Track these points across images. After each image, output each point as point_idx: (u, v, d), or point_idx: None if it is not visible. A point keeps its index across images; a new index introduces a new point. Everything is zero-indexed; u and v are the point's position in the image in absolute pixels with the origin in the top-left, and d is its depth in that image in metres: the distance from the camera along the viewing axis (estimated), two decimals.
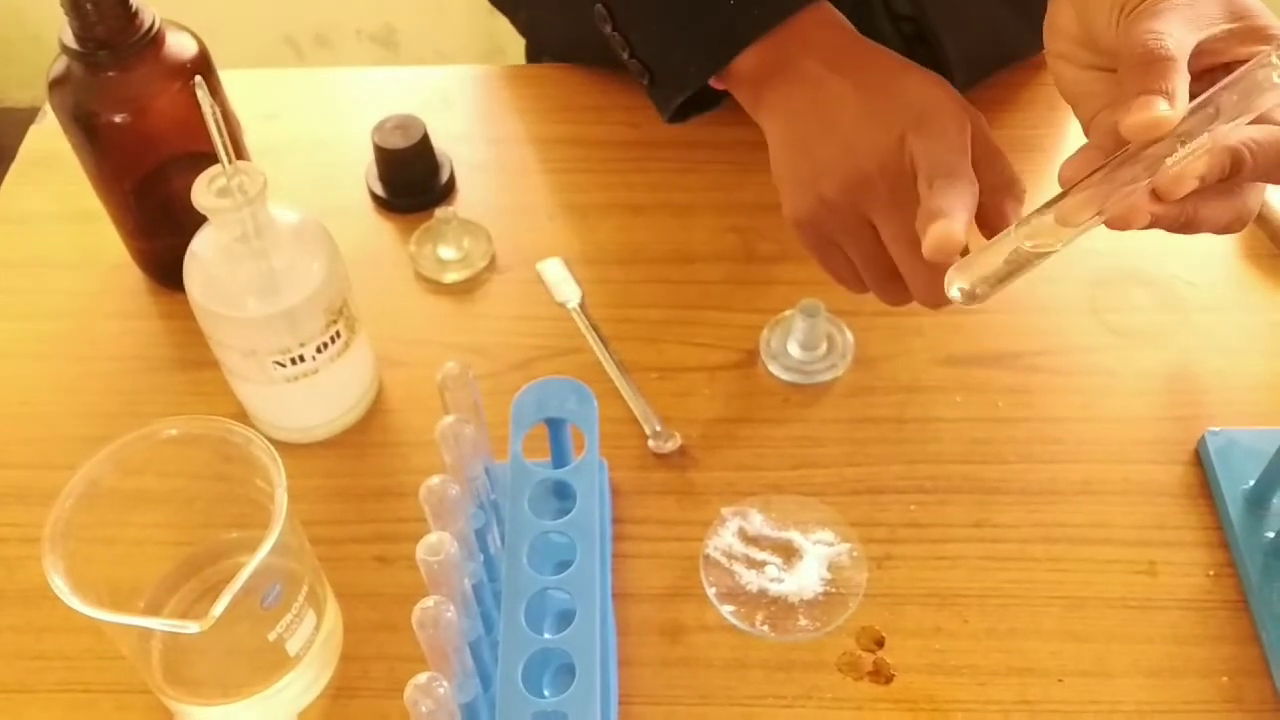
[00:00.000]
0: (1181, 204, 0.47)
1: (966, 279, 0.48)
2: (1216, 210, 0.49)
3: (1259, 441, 0.64)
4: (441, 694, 0.46)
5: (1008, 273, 0.47)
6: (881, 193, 0.56)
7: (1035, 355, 0.71)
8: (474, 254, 0.77)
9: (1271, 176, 0.48)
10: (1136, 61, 0.46)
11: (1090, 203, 0.46)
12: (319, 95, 0.90)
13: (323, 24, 1.96)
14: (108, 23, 0.64)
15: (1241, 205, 0.49)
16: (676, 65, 0.63)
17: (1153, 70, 0.45)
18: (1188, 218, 0.48)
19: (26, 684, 0.60)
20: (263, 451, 0.54)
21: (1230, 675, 0.59)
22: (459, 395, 0.56)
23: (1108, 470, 0.66)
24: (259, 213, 0.60)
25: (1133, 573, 0.62)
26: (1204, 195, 0.47)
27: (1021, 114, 0.84)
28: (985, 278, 0.47)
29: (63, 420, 0.71)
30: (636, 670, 0.60)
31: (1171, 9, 0.48)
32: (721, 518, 0.65)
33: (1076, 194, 0.46)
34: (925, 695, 0.59)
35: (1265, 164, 0.47)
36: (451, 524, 0.52)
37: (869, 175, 0.56)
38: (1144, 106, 0.44)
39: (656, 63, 0.64)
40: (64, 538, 0.53)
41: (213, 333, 0.64)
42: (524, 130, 0.87)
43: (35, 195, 0.83)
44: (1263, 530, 0.62)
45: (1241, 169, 0.46)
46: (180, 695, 0.57)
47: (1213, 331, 0.72)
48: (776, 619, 0.61)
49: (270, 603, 0.55)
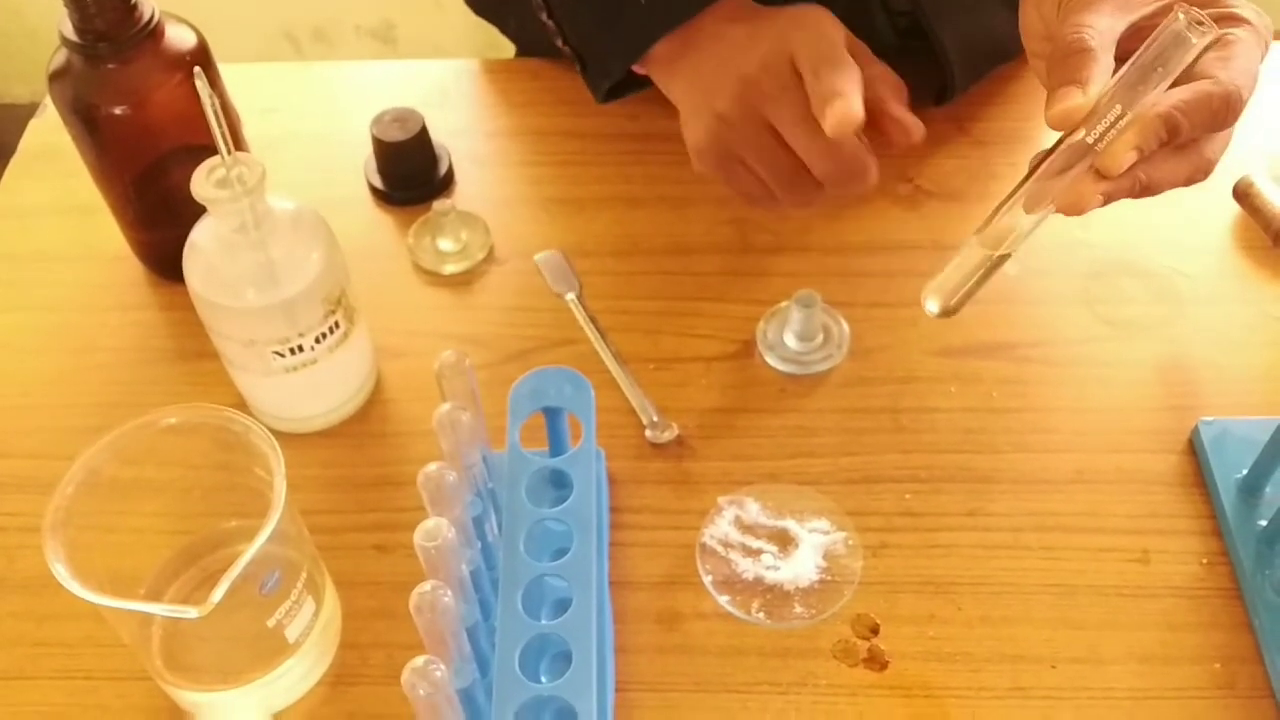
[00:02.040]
0: (1131, 174, 0.49)
1: (940, 298, 0.51)
2: (1171, 169, 0.50)
3: (1252, 431, 0.64)
4: (439, 677, 0.46)
5: (976, 281, 0.49)
6: (770, 90, 0.59)
7: (1029, 346, 0.72)
8: (472, 246, 0.78)
9: (1212, 129, 0.49)
10: (1058, 56, 0.48)
11: (1036, 197, 0.47)
12: (318, 89, 0.90)
13: (322, 19, 1.96)
14: (107, 15, 0.65)
15: (1198, 158, 0.51)
16: (601, 56, 0.65)
17: (1069, 62, 0.48)
18: (1143, 185, 0.49)
19: (27, 671, 0.61)
20: (261, 439, 0.55)
21: (1223, 662, 0.59)
22: (456, 384, 0.56)
23: (1101, 460, 0.66)
24: (258, 203, 0.60)
25: (1126, 561, 0.63)
26: (1153, 160, 0.49)
27: (1014, 106, 0.84)
28: (956, 291, 0.50)
29: (63, 411, 0.71)
30: (633, 657, 0.60)
31: None
32: (718, 506, 0.65)
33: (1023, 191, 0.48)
34: (919, 682, 0.59)
35: (1200, 121, 0.48)
36: (449, 510, 0.53)
37: (754, 78, 0.59)
38: (1062, 98, 0.47)
39: (585, 52, 0.67)
40: (64, 526, 0.53)
41: (212, 323, 0.64)
42: (522, 123, 0.87)
43: (36, 188, 0.83)
44: (1255, 519, 0.63)
45: (1179, 131, 0.48)
46: (180, 681, 0.58)
47: (1206, 322, 0.72)
48: (772, 607, 0.62)
49: (269, 589, 0.55)
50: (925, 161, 0.81)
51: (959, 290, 0.50)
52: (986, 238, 0.49)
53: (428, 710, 0.48)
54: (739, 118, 0.60)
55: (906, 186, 0.80)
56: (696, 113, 0.62)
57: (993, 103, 0.84)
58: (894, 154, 0.65)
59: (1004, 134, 0.83)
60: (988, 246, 0.49)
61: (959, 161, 0.81)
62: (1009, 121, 0.83)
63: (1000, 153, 0.82)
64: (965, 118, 0.84)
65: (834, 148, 0.58)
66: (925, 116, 0.86)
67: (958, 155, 0.82)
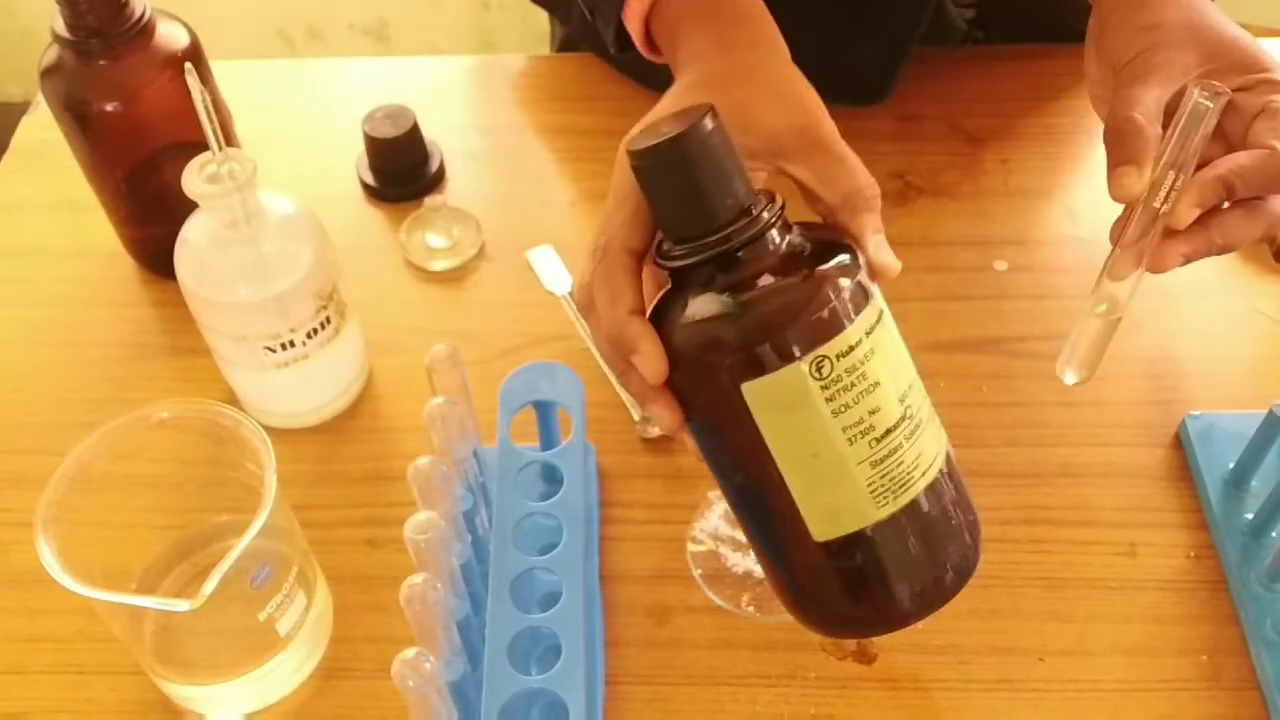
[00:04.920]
0: (1206, 234, 0.54)
1: (1075, 369, 0.56)
2: (1246, 228, 0.55)
3: (1239, 425, 0.65)
4: (428, 669, 0.47)
5: (1101, 344, 0.56)
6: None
7: (1018, 341, 0.72)
8: (463, 242, 0.78)
9: (1267, 191, 0.54)
10: (1114, 133, 0.54)
11: (1127, 259, 0.54)
12: (310, 86, 0.90)
13: (315, 17, 1.96)
14: (99, 11, 0.65)
15: (1269, 215, 0.55)
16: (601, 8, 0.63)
17: (1126, 143, 0.53)
18: (1220, 245, 0.54)
19: (20, 665, 0.61)
20: (253, 434, 0.55)
21: (1209, 654, 0.60)
22: (447, 378, 0.56)
23: (1089, 453, 0.67)
24: (249, 199, 0.60)
25: (1113, 554, 0.63)
26: (1224, 219, 0.54)
27: (1007, 104, 0.85)
28: (1088, 359, 0.56)
29: (55, 407, 0.71)
30: (623, 651, 0.61)
31: (1148, 72, 0.55)
32: (708, 501, 0.65)
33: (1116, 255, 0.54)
34: (908, 674, 0.59)
35: (1256, 184, 0.53)
36: (439, 504, 0.53)
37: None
38: (1120, 177, 0.53)
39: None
40: (56, 521, 0.53)
41: (204, 319, 0.65)
42: (514, 119, 0.88)
43: (28, 185, 0.83)
44: (1242, 512, 0.63)
45: (1234, 191, 0.53)
46: (172, 675, 0.58)
47: (1194, 318, 0.73)
48: (761, 600, 0.62)
49: (260, 583, 0.55)
50: (915, 157, 0.82)
51: (1090, 358, 0.56)
52: (1099, 306, 0.55)
53: (417, 702, 0.48)
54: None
55: (896, 182, 0.80)
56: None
57: (984, 99, 0.85)
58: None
59: (995, 131, 0.83)
60: (1100, 314, 0.55)
61: (949, 158, 0.82)
62: (1000, 119, 0.84)
63: (990, 149, 0.82)
64: (956, 114, 0.84)
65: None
66: (916, 112, 0.86)
67: (948, 151, 0.82)
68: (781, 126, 0.50)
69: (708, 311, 0.44)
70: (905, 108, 0.82)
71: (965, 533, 0.47)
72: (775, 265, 0.44)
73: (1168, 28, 0.57)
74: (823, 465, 0.44)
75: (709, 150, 0.44)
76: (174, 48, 0.68)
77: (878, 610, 0.47)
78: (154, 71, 0.68)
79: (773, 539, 0.47)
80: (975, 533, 0.48)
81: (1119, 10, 0.59)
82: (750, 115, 0.50)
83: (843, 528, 0.45)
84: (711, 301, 0.44)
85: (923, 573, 0.46)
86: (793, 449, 0.44)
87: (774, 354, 0.42)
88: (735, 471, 0.46)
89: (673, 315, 0.45)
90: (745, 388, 0.43)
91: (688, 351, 0.44)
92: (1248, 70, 0.56)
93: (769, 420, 0.44)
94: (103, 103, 0.67)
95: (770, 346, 0.42)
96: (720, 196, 0.44)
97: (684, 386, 0.46)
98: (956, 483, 0.48)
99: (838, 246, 0.45)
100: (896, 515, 0.45)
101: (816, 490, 0.44)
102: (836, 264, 0.44)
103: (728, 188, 0.44)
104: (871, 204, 0.49)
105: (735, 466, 0.46)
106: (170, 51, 0.68)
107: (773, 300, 0.43)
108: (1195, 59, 0.56)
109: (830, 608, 0.48)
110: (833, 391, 0.43)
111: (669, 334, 0.45)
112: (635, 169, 0.45)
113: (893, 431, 0.44)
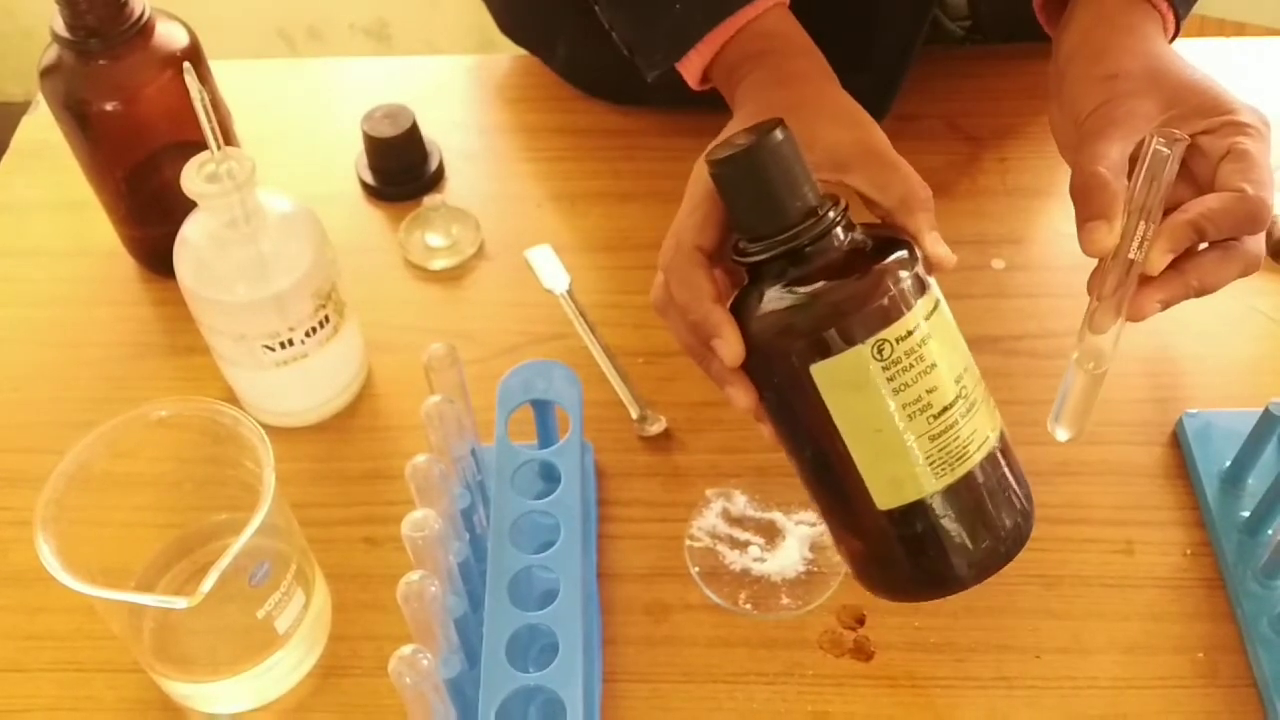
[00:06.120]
0: (1183, 278, 0.55)
1: (1067, 425, 0.58)
2: (1221, 270, 0.55)
3: (1235, 423, 0.65)
4: (425, 666, 0.47)
5: (1088, 398, 0.57)
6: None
7: (1015, 339, 0.72)
8: (462, 241, 0.78)
9: (1244, 233, 0.55)
10: (1080, 189, 0.55)
11: (1106, 310, 0.56)
12: (309, 86, 0.90)
13: (315, 17, 1.96)
14: (98, 11, 0.65)
15: (1244, 254, 0.56)
16: (647, 50, 0.65)
17: (1093, 199, 0.54)
18: (1196, 288, 0.55)
19: (19, 663, 0.61)
20: (251, 432, 0.55)
21: (1205, 651, 0.60)
22: (445, 376, 0.56)
23: (1086, 451, 0.67)
24: (248, 198, 0.61)
25: (1110, 552, 0.63)
26: (1200, 263, 0.55)
27: (1004, 103, 0.85)
28: (1077, 413, 0.58)
29: (55, 406, 0.72)
30: (621, 648, 0.61)
31: (1110, 124, 0.56)
32: (706, 499, 0.66)
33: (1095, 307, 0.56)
34: (905, 672, 0.60)
35: (1227, 226, 0.54)
36: (436, 502, 0.53)
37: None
38: (1090, 232, 0.54)
39: (632, 44, 0.67)
40: (55, 520, 0.53)
41: (203, 318, 0.65)
42: (512, 119, 0.88)
43: (28, 184, 0.84)
44: (1238, 510, 0.63)
45: (1205, 235, 0.54)
46: (171, 673, 0.58)
47: (1192, 316, 0.72)
48: (759, 598, 0.62)
49: (258, 581, 0.55)
50: (913, 157, 0.80)
51: (1078, 411, 0.58)
52: (1084, 360, 0.57)
53: (414, 699, 0.48)
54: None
55: None
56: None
57: (982, 99, 0.85)
58: None
59: (993, 130, 0.83)
60: (1086, 368, 0.57)
61: (947, 157, 0.82)
62: (998, 118, 0.84)
63: (988, 148, 0.82)
64: (954, 113, 0.84)
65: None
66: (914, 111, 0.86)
67: (946, 150, 0.82)
68: (839, 142, 0.55)
69: (780, 302, 0.49)
70: (903, 107, 0.82)
71: (1018, 503, 0.51)
72: (840, 259, 0.49)
73: (1126, 77, 0.58)
74: (884, 439, 0.48)
75: (781, 157, 0.48)
76: (173, 47, 0.69)
77: (937, 575, 0.51)
78: (153, 71, 0.68)
79: (841, 509, 0.52)
80: (1028, 504, 0.52)
81: (1077, 62, 0.60)
82: (812, 134, 0.53)
83: (904, 497, 0.49)
84: (783, 292, 0.49)
85: (978, 540, 0.50)
86: (857, 424, 0.48)
87: (839, 338, 0.47)
88: (805, 446, 0.51)
89: (749, 305, 0.50)
90: (814, 369, 0.48)
91: (762, 336, 0.49)
92: (1210, 114, 0.56)
93: (835, 398, 0.48)
94: (102, 102, 0.68)
95: (836, 331, 0.47)
96: (790, 198, 0.49)
97: (759, 369, 0.50)
98: (1010, 458, 0.52)
99: (897, 243, 0.50)
100: (954, 486, 0.49)
101: (879, 462, 0.49)
102: (896, 258, 0.48)
103: (797, 191, 0.49)
104: (925, 204, 0.53)
105: (806, 441, 0.51)
106: (170, 51, 0.68)
107: (838, 290, 0.48)
108: (1156, 107, 0.57)
109: (893, 574, 0.52)
110: (893, 372, 0.47)
111: (746, 322, 0.50)
112: (715, 176, 0.50)
113: (949, 409, 0.48)
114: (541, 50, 0.89)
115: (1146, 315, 0.55)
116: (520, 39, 0.90)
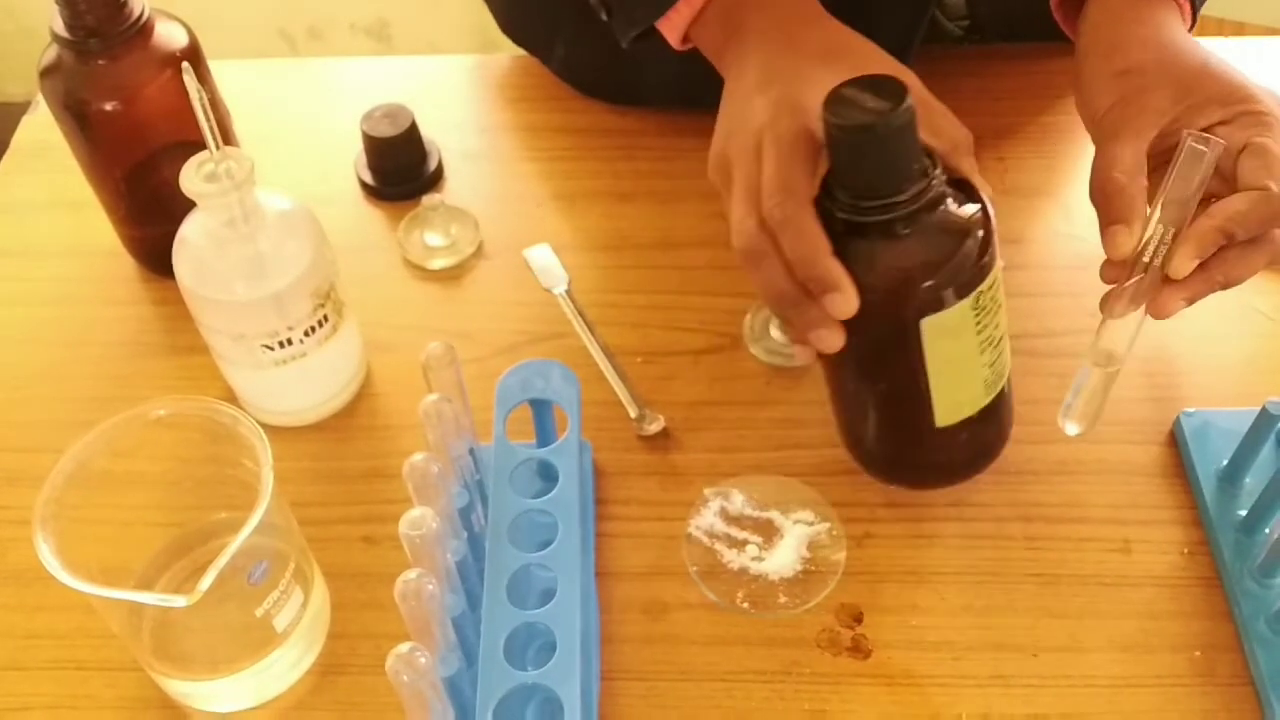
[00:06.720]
0: (1208, 274, 0.55)
1: (1077, 421, 0.60)
2: (1248, 263, 0.56)
3: (1232, 422, 0.65)
4: (423, 664, 0.47)
5: (1100, 395, 0.59)
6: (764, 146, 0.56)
7: (1014, 338, 0.71)
8: (461, 240, 0.78)
9: (1266, 229, 0.55)
10: (1097, 196, 0.57)
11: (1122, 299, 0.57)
12: (309, 85, 0.91)
13: (316, 17, 1.96)
14: (97, 11, 0.65)
15: (1272, 246, 0.56)
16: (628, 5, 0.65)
17: (1112, 204, 0.56)
18: (1222, 282, 0.56)
19: (19, 661, 0.61)
20: (250, 431, 0.55)
21: (1203, 650, 0.60)
22: (443, 375, 0.57)
23: (1084, 450, 0.67)
24: (246, 197, 0.61)
25: (1107, 550, 0.63)
26: (1225, 257, 0.55)
27: (1002, 103, 0.85)
28: (1089, 410, 0.59)
29: (54, 405, 0.72)
30: (619, 647, 0.61)
31: (1124, 123, 0.57)
32: (704, 498, 0.66)
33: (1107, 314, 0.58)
34: (903, 670, 0.60)
35: (1255, 226, 0.54)
36: (434, 500, 0.53)
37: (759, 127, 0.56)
38: (1112, 236, 0.56)
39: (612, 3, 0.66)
40: (55, 518, 0.54)
41: (202, 317, 0.65)
42: (511, 119, 0.88)
43: (28, 184, 0.84)
44: (1235, 509, 0.63)
45: (1234, 238, 0.54)
46: (170, 671, 0.58)
47: (1190, 314, 0.72)
48: (757, 596, 0.62)
49: (257, 579, 0.56)
50: None
51: (1090, 408, 0.59)
52: (1098, 359, 0.59)
53: (412, 697, 0.48)
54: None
55: None
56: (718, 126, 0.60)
57: (980, 98, 0.85)
58: None
59: (991, 129, 0.83)
60: (1101, 366, 0.59)
61: None
62: (997, 118, 0.84)
63: (987, 148, 0.82)
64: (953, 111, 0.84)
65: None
66: None
67: None
68: None
69: (898, 260, 0.52)
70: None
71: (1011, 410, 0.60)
72: (947, 219, 0.52)
73: (1138, 72, 0.58)
74: (962, 371, 0.55)
75: (910, 122, 0.50)
76: (173, 47, 0.69)
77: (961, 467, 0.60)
78: (153, 71, 0.68)
79: (895, 431, 0.59)
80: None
81: (1091, 58, 0.60)
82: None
83: (961, 415, 0.56)
84: (899, 251, 0.52)
85: (995, 438, 0.60)
86: (944, 363, 0.54)
87: (954, 296, 0.52)
88: (880, 380, 0.57)
89: (859, 260, 0.52)
90: (925, 322, 0.52)
91: (876, 292, 0.52)
92: (1226, 103, 0.56)
93: (934, 344, 0.53)
94: (102, 102, 0.68)
95: (953, 290, 0.52)
96: (911, 161, 0.51)
97: (858, 319, 0.53)
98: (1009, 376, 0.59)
99: (975, 196, 0.53)
100: (994, 400, 0.57)
101: (952, 390, 0.55)
102: (987, 214, 0.53)
103: (916, 154, 0.52)
104: (971, 147, 0.56)
105: (883, 377, 0.57)
106: (169, 51, 0.68)
107: (954, 251, 0.52)
108: (1170, 99, 0.56)
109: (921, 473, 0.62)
110: (982, 317, 0.53)
111: (856, 276, 0.52)
112: (841, 140, 0.51)
113: (1005, 338, 0.56)
114: (540, 50, 0.89)
115: (1170, 313, 0.56)
116: (519, 39, 0.90)
